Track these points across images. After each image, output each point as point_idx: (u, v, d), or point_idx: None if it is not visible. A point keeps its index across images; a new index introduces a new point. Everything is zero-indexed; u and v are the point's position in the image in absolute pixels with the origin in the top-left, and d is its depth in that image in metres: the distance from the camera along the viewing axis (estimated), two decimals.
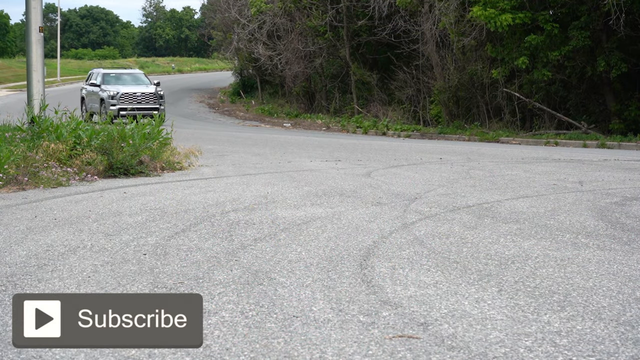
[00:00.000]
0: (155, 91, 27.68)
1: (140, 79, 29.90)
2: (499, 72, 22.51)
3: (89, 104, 29.91)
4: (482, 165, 11.33)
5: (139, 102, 27.48)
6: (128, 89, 27.91)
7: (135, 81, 29.64)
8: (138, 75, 30.48)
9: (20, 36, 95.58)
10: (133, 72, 30.85)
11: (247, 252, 4.98)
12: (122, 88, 28.01)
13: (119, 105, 27.12)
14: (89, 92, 30.05)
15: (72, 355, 3.04)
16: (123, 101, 27.26)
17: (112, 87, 28.06)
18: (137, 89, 27.77)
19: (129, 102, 27.31)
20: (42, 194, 7.99)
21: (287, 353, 3.02)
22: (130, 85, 28.75)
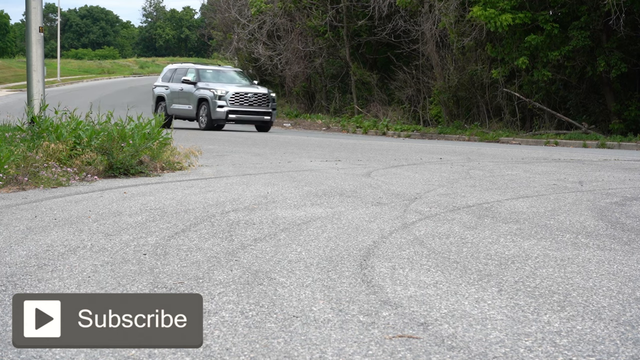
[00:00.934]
0: (268, 93, 23.55)
1: (241, 79, 25.09)
2: (498, 72, 22.50)
3: (172, 104, 24.82)
4: (482, 165, 11.33)
5: (251, 104, 23.24)
6: (238, 89, 23.36)
7: (234, 81, 24.66)
8: (236, 74, 25.48)
9: (20, 36, 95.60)
10: (229, 69, 25.82)
11: (247, 252, 4.98)
12: (229, 87, 23.43)
13: (228, 107, 22.82)
14: (174, 91, 24.90)
15: (72, 355, 3.04)
16: (234, 102, 22.97)
17: (216, 85, 23.55)
18: (248, 89, 23.39)
19: (239, 104, 23.08)
20: (42, 194, 7.99)
21: (287, 353, 3.02)
22: (234, 84, 24.05)
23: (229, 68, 26.23)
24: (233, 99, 22.99)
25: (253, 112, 23.26)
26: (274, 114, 23.79)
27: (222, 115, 22.81)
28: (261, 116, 23.36)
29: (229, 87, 23.35)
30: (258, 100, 23.24)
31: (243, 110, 23.05)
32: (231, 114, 22.92)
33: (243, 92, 23.14)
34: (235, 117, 22.97)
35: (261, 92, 23.31)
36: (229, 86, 23.45)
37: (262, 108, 23.27)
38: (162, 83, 25.62)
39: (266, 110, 23.37)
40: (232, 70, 25.84)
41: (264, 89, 23.77)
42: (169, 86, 25.11)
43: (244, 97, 23.11)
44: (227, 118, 22.90)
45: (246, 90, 23.32)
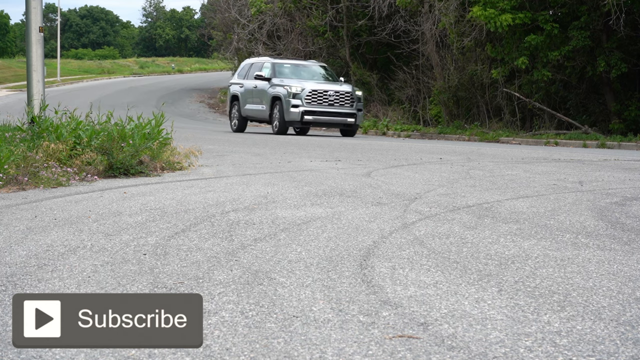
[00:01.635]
0: (352, 91, 20.34)
1: (324, 74, 21.75)
2: (498, 72, 22.51)
3: (246, 105, 21.74)
4: (482, 165, 11.33)
5: (331, 103, 20.11)
6: (316, 85, 20.26)
7: (315, 76, 21.51)
8: (320, 68, 22.08)
9: (20, 36, 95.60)
10: (311, 63, 22.44)
11: (247, 252, 4.98)
12: (307, 83, 20.26)
13: (304, 107, 19.72)
14: (249, 89, 21.73)
15: (72, 355, 3.04)
16: (310, 102, 19.79)
17: (292, 81, 20.39)
18: (328, 86, 20.23)
19: (317, 103, 19.99)
20: (42, 194, 7.99)
21: (287, 353, 3.02)
22: (313, 80, 20.98)
23: (312, 62, 22.57)
24: (310, 97, 19.70)
25: (333, 114, 19.93)
26: (359, 116, 20.47)
27: (296, 117, 19.75)
28: (343, 118, 20.07)
29: (307, 83, 20.12)
30: (340, 99, 19.98)
31: (322, 111, 19.82)
32: (307, 114, 19.74)
33: (322, 89, 19.88)
34: (312, 119, 19.84)
35: (344, 90, 19.98)
36: (306, 82, 20.19)
37: (345, 109, 20.05)
38: (237, 80, 22.52)
39: (349, 112, 20.11)
40: (314, 64, 22.24)
41: (347, 86, 20.52)
42: (243, 84, 21.94)
43: (323, 95, 19.82)
44: (303, 120, 19.88)
45: (326, 87, 20.05)
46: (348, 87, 20.48)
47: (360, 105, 20.51)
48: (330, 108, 20.00)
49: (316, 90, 19.93)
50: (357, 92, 20.49)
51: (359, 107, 20.51)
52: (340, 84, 20.54)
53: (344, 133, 21.29)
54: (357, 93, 20.41)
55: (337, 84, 20.56)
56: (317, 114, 19.93)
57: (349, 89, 20.31)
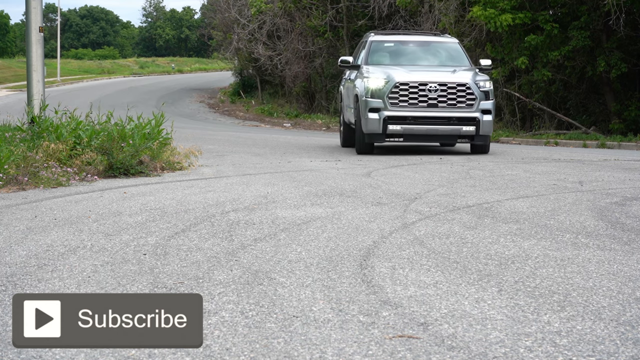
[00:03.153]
0: (473, 82, 13.05)
1: (451, 57, 14.44)
2: (498, 72, 22.51)
3: (346, 105, 15.00)
4: (482, 165, 11.33)
5: (433, 104, 12.97)
6: (413, 75, 13.17)
7: (438, 59, 14.52)
8: (444, 47, 14.72)
9: (20, 36, 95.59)
10: (433, 39, 15.01)
11: (247, 252, 4.98)
12: (399, 72, 13.20)
13: (387, 112, 12.87)
14: (349, 83, 14.82)
15: (72, 355, 3.04)
16: (398, 101, 12.91)
17: (382, 70, 13.44)
18: (432, 76, 13.17)
19: (410, 104, 12.94)
20: (42, 194, 7.99)
21: (287, 353, 3.02)
22: (422, 66, 13.99)
23: (436, 37, 15.15)
24: (397, 94, 12.84)
25: (436, 120, 12.97)
26: (485, 122, 13.02)
27: (375, 126, 12.83)
28: (454, 126, 12.95)
29: (399, 71, 13.19)
30: (450, 95, 12.93)
31: (416, 117, 12.91)
32: (392, 122, 12.85)
33: (418, 80, 12.90)
34: (401, 130, 12.89)
35: (456, 82, 12.93)
36: (400, 70, 13.29)
37: (458, 110, 12.92)
38: (348, 72, 15.41)
39: (465, 115, 12.94)
40: (440, 40, 14.94)
41: (467, 75, 13.22)
42: (349, 76, 15.09)
43: (419, 90, 12.87)
44: (386, 130, 12.87)
45: (427, 76, 13.08)
46: (467, 76, 13.07)
47: (488, 105, 13.02)
48: (431, 111, 12.82)
49: (407, 82, 12.77)
50: (482, 83, 13.05)
51: (487, 107, 13.00)
52: (457, 72, 13.24)
53: (473, 149, 13.66)
54: (483, 84, 13.05)
55: (449, 71, 13.29)
56: (409, 121, 12.82)
57: (467, 80, 12.90)
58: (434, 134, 13.22)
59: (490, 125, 13.30)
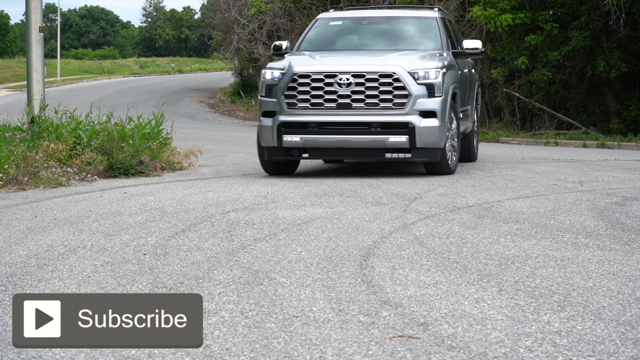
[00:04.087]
0: (409, 70, 9.11)
1: (417, 36, 10.58)
2: (498, 72, 22.51)
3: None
4: (482, 165, 11.33)
5: (345, 104, 9.06)
6: (319, 63, 9.45)
7: (398, 40, 10.53)
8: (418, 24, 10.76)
9: (20, 36, 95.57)
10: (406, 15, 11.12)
11: (247, 252, 4.98)
12: (301, 60, 9.60)
13: (283, 116, 9.15)
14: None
15: (72, 355, 3.04)
16: (294, 100, 9.17)
17: (292, 57, 9.75)
18: (350, 63, 9.31)
19: (312, 103, 9.14)
20: (42, 194, 7.99)
21: (287, 353, 3.02)
22: (351, 52, 10.30)
23: (404, 12, 11.45)
24: (297, 89, 9.19)
25: (351, 128, 9.14)
26: (423, 131, 9.07)
27: (268, 138, 9.27)
28: (378, 135, 9.09)
29: (304, 59, 9.64)
30: (371, 91, 9.06)
31: (324, 123, 9.17)
32: (290, 131, 9.20)
33: (326, 71, 9.17)
34: (302, 143, 9.18)
35: (381, 72, 9.10)
36: (307, 58, 9.71)
37: (382, 113, 9.07)
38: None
39: (393, 120, 9.08)
40: (407, 15, 11.09)
41: (402, 60, 9.36)
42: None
43: (328, 84, 9.11)
44: (282, 144, 9.22)
45: (341, 65, 9.31)
46: (401, 61, 9.25)
47: (433, 104, 9.10)
48: (342, 113, 9.04)
49: (308, 73, 9.10)
50: (423, 73, 9.16)
51: (428, 108, 9.10)
52: (387, 56, 9.56)
53: (427, 168, 9.71)
54: (425, 74, 9.16)
55: (380, 56, 9.66)
56: (312, 129, 9.11)
57: (395, 67, 9.08)
58: (347, 148, 9.10)
59: (438, 134, 9.00)
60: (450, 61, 9.93)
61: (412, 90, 9.06)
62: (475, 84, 12.10)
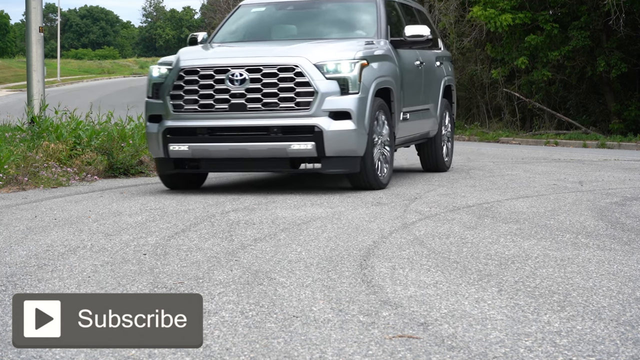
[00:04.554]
0: (317, 62, 7.57)
1: (351, 23, 8.99)
2: (498, 72, 22.52)
3: None
4: (482, 165, 11.33)
5: (239, 104, 7.55)
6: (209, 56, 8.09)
7: (327, 27, 8.96)
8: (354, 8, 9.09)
9: (20, 36, 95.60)
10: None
11: (247, 252, 4.98)
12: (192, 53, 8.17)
13: (169, 121, 7.74)
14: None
15: (72, 355, 3.04)
16: (181, 101, 7.72)
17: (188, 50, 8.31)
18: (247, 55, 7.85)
19: (201, 104, 7.66)
20: (42, 194, 7.99)
21: (287, 353, 3.02)
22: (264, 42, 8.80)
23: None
24: (183, 88, 7.79)
25: (246, 134, 7.70)
26: (332, 135, 7.54)
27: (153, 147, 8.00)
28: (278, 142, 7.62)
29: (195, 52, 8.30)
30: (269, 88, 7.54)
31: (215, 129, 7.77)
32: (177, 139, 7.84)
33: (216, 65, 7.72)
34: (191, 153, 7.80)
35: (280, 64, 7.56)
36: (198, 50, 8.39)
37: (282, 114, 7.57)
38: None
39: (296, 123, 7.56)
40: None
41: (309, 50, 7.84)
42: None
43: (219, 81, 7.65)
44: (169, 154, 7.88)
45: (235, 57, 7.88)
46: (308, 51, 7.84)
47: (347, 103, 7.60)
48: (235, 116, 7.68)
49: (195, 68, 7.77)
50: (334, 65, 7.65)
51: (341, 107, 7.60)
52: (293, 46, 8.13)
53: (351, 181, 8.20)
54: (336, 67, 7.65)
55: (290, 45, 8.21)
56: (201, 136, 7.82)
57: (297, 60, 7.62)
58: (243, 158, 7.73)
59: (353, 139, 7.54)
60: (384, 51, 8.36)
61: (318, 86, 7.52)
62: (443, 79, 10.28)
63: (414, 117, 9.15)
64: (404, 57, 8.94)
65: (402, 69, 8.72)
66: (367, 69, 7.82)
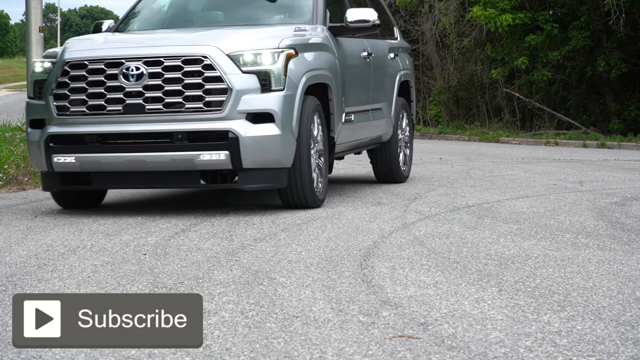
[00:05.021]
0: (234, 50, 6.26)
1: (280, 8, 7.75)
2: (498, 72, 22.52)
3: None
4: (482, 165, 11.33)
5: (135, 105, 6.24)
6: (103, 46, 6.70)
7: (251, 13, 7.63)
8: None
9: (20, 36, 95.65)
10: None
11: (247, 252, 4.98)
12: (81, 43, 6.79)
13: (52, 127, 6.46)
14: None
15: (72, 355, 3.04)
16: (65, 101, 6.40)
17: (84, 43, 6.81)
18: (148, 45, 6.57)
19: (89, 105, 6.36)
20: (42, 194, 7.99)
21: (287, 353, 3.02)
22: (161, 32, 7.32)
23: None
24: (69, 86, 6.44)
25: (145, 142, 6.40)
26: (250, 143, 6.24)
27: (36, 158, 6.65)
28: (184, 152, 6.33)
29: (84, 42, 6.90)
30: (172, 85, 6.25)
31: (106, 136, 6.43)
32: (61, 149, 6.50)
33: (108, 56, 6.41)
34: (79, 166, 6.48)
35: (186, 54, 6.25)
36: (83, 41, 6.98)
37: (189, 117, 6.27)
38: None
39: (205, 127, 6.27)
40: None
41: (224, 37, 6.49)
42: None
43: (110, 76, 6.33)
44: (52, 167, 6.50)
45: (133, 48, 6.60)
46: (222, 38, 6.48)
47: (272, 102, 6.32)
48: (131, 120, 6.38)
49: (82, 61, 6.43)
50: (250, 56, 6.30)
51: (264, 108, 6.31)
52: (204, 34, 6.71)
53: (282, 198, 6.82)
54: (255, 58, 6.31)
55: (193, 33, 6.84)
56: (91, 145, 6.49)
57: (208, 49, 6.28)
58: (142, 172, 6.46)
59: (279, 147, 6.31)
60: (320, 40, 7.00)
61: (232, 82, 6.16)
62: (399, 74, 8.84)
63: (360, 119, 7.81)
64: (347, 48, 7.56)
65: (343, 61, 7.32)
66: (296, 60, 6.45)
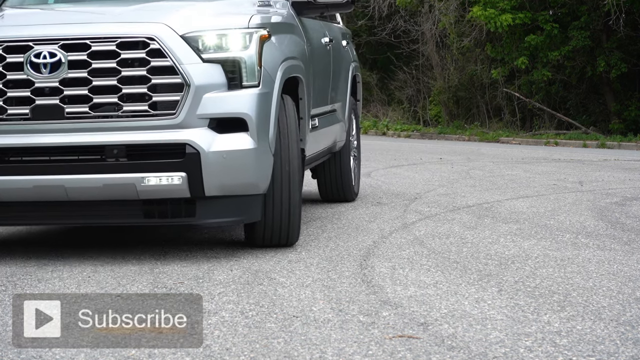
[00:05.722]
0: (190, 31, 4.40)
1: None
2: (498, 72, 22.52)
3: None
4: (482, 165, 11.34)
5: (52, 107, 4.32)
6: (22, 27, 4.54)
7: None
8: None
9: None
10: None
11: (247, 252, 4.98)
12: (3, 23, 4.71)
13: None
14: None
15: (72, 355, 3.04)
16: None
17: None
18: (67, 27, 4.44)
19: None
20: None
21: (287, 353, 3.02)
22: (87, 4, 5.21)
23: None
24: None
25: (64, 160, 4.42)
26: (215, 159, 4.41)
27: None
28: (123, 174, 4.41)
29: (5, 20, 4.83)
30: (106, 79, 4.33)
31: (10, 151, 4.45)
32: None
33: (14, 37, 4.36)
34: None
35: (123, 35, 4.33)
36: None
37: (128, 124, 4.38)
38: None
39: (152, 139, 4.39)
40: None
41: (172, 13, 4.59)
42: None
43: (16, 65, 4.33)
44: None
45: (50, 26, 4.57)
46: (169, 15, 4.55)
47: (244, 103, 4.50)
48: (46, 127, 4.43)
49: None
50: (216, 39, 4.48)
51: (232, 112, 4.50)
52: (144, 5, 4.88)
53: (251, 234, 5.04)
54: (220, 41, 4.48)
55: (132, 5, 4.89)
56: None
57: (155, 30, 4.36)
58: (61, 202, 4.63)
59: (252, 166, 4.57)
60: (284, 18, 5.31)
61: (190, 74, 4.43)
62: (350, 67, 7.18)
63: (323, 124, 6.15)
64: (310, 31, 5.83)
65: (309, 48, 5.62)
66: (270, 45, 4.75)
